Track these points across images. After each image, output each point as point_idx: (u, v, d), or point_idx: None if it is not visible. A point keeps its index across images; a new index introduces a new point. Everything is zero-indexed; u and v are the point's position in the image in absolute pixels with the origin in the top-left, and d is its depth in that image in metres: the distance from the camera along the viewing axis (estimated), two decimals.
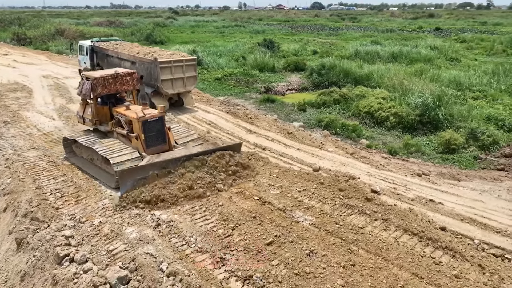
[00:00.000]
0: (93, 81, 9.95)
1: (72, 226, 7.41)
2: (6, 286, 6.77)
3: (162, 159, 8.73)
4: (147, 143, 9.43)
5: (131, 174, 8.32)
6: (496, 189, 9.98)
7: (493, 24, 65.09)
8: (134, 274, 5.81)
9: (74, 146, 10.77)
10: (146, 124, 9.42)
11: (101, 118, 10.65)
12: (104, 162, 9.53)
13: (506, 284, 6.01)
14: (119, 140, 9.94)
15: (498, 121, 16.32)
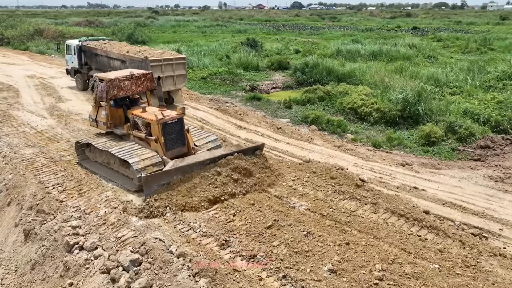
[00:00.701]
0: (107, 83, 9.68)
1: (78, 217, 7.72)
2: (17, 275, 7.04)
3: (186, 163, 8.47)
4: (167, 146, 9.21)
5: (156, 179, 8.11)
6: (474, 176, 10.78)
7: (467, 23, 67.49)
8: (145, 257, 6.20)
9: (87, 151, 10.48)
10: (166, 126, 9.18)
11: (115, 121, 10.36)
12: (123, 166, 9.33)
13: (484, 256, 6.69)
14: (137, 143, 9.65)
15: (474, 115, 17.20)
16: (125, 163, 9.10)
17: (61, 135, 12.27)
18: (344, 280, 5.84)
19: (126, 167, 9.19)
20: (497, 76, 23.63)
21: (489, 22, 67.93)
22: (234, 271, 5.88)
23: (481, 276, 5.97)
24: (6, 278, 7.08)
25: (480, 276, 5.98)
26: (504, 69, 23.98)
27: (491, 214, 8.69)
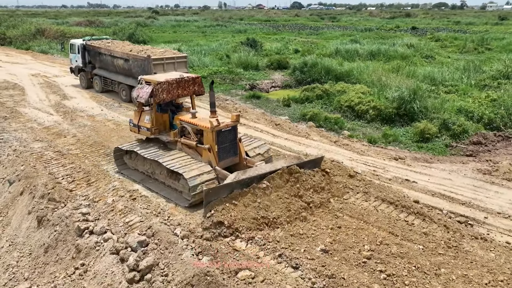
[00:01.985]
0: (155, 86, 9.12)
1: (87, 205, 8.25)
2: (31, 258, 7.57)
3: (248, 176, 7.80)
4: (219, 155, 8.66)
5: (217, 193, 7.42)
6: (463, 169, 11.31)
7: (466, 23, 68.05)
8: (152, 239, 6.73)
9: (127, 158, 9.99)
10: (220, 134, 8.63)
11: (159, 127, 9.72)
12: (171, 177, 8.74)
13: (466, 239, 7.21)
14: (184, 151, 9.07)
15: (468, 113, 17.68)
16: (173, 175, 8.54)
17: (68, 130, 12.79)
18: (335, 259, 6.36)
19: (175, 179, 8.61)
20: (492, 75, 24.13)
21: (487, 22, 68.48)
22: (234, 250, 6.41)
23: (461, 256, 6.49)
24: (21, 260, 7.61)
25: (460, 255, 6.50)
26: (499, 68, 24.48)
27: (477, 204, 9.22)
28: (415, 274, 5.97)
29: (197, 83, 10.06)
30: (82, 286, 6.54)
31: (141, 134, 10.05)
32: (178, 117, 9.60)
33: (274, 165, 8.53)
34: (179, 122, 9.49)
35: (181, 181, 8.40)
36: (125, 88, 16.92)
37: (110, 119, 14.19)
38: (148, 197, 8.44)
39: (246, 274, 5.73)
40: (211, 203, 7.26)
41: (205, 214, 7.26)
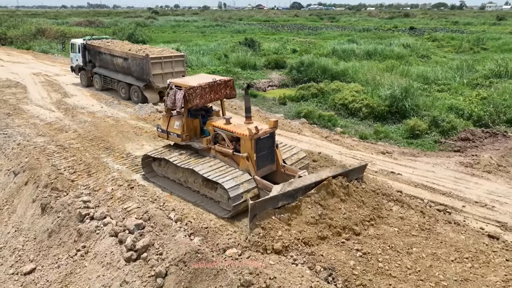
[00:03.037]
0: (187, 91, 8.78)
1: (88, 193, 8.82)
2: (36, 242, 8.15)
3: (294, 188, 7.35)
4: (258, 164, 8.31)
5: (263, 206, 7.01)
6: (446, 162, 11.89)
7: (464, 23, 68.65)
8: (148, 222, 7.31)
9: (155, 165, 9.73)
10: (258, 142, 8.28)
11: (190, 133, 9.36)
12: (206, 186, 8.51)
13: (440, 224, 7.78)
14: (219, 159, 8.73)
15: (458, 111, 18.24)
16: (209, 184, 8.31)
17: (69, 126, 13.38)
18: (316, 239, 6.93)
19: (211, 188, 8.36)
20: (485, 75, 24.69)
21: (485, 22, 69.05)
22: (223, 227, 7.00)
23: (432, 237, 7.06)
24: (27, 244, 8.19)
25: (431, 237, 7.07)
26: (492, 68, 25.04)
27: (457, 194, 9.80)
28: (389, 253, 6.54)
29: (229, 86, 9.65)
30: (84, 265, 7.11)
31: (170, 140, 9.68)
32: (211, 123, 9.21)
33: (319, 175, 8.03)
34: (212, 128, 9.10)
35: (218, 191, 8.11)
36: (124, 86, 17.51)
37: (109, 115, 14.79)
38: (145, 186, 9.03)
39: (233, 251, 6.31)
40: (256, 217, 6.89)
41: (251, 230, 6.82)
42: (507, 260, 6.60)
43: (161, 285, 6.21)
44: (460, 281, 6.02)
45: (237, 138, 8.57)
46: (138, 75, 16.49)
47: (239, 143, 8.53)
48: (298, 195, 7.37)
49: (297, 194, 7.37)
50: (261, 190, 8.09)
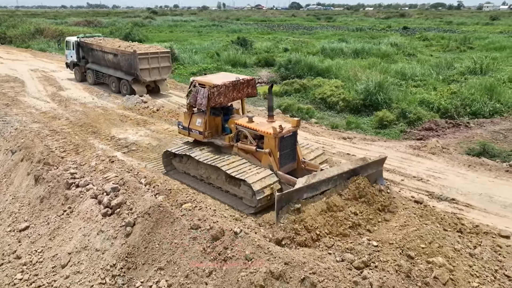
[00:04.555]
0: (210, 89, 9.03)
1: (75, 167, 10.35)
2: (30, 206, 9.69)
3: (318, 180, 7.58)
4: (281, 162, 8.55)
5: (289, 198, 7.26)
6: (398, 146, 13.39)
7: (457, 23, 70.11)
8: (123, 186, 8.83)
9: (176, 161, 10.10)
10: (282, 140, 8.52)
11: (212, 130, 9.62)
12: (229, 183, 8.77)
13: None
14: (240, 156, 9.02)
15: (429, 104, 19.71)
16: (232, 180, 8.55)
17: (62, 114, 14.93)
18: None
19: (234, 184, 8.65)
20: (461, 72, 26.17)
21: (479, 22, 70.51)
22: (184, 189, 8.52)
23: (392, 207, 8.41)
24: (22, 209, 9.73)
25: (391, 207, 8.41)
26: (468, 65, 26.52)
27: (399, 171, 11.30)
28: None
29: (251, 85, 9.87)
30: (69, 221, 8.65)
31: (191, 137, 9.97)
32: (233, 121, 9.40)
33: (340, 167, 8.28)
34: (234, 126, 9.31)
35: (242, 187, 8.37)
36: (115, 80, 19.08)
37: (99, 106, 16.35)
38: (123, 161, 10.55)
39: (188, 205, 7.82)
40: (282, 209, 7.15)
41: (278, 222, 7.08)
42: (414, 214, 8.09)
43: (129, 232, 7.74)
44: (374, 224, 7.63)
45: (260, 136, 8.78)
46: (126, 69, 18.04)
47: (262, 141, 8.74)
48: (321, 188, 7.65)
49: (320, 186, 7.63)
50: (283, 184, 8.31)
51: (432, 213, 8.44)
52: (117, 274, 7.24)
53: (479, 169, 11.45)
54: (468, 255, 6.91)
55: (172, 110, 15.86)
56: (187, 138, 10.50)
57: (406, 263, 6.15)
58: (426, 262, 6.28)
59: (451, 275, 6.14)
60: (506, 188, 10.22)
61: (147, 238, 7.48)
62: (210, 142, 9.57)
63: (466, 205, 9.51)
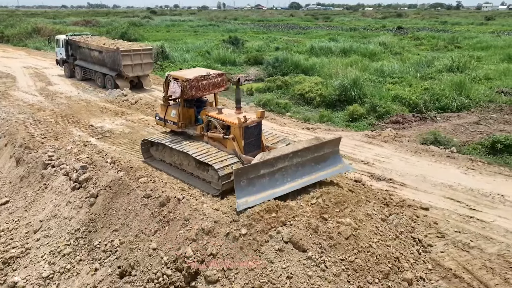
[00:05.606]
0: (183, 83, 9.80)
1: (53, 151, 11.62)
2: (11, 185, 11.00)
3: (272, 156, 8.21)
4: (245, 149, 9.26)
5: (246, 173, 7.87)
6: (355, 135, 14.61)
7: (452, 23, 71.14)
8: (91, 165, 10.11)
9: (153, 149, 10.87)
10: (246, 130, 9.29)
11: (185, 121, 10.44)
12: (198, 168, 9.47)
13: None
14: (210, 144, 9.74)
15: (402, 99, 20.85)
16: (201, 166, 9.26)
17: (47, 106, 16.22)
18: None
19: (203, 170, 9.36)
20: (439, 69, 27.28)
21: (473, 22, 71.51)
22: (144, 167, 9.77)
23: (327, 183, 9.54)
24: (4, 187, 11.03)
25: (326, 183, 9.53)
26: (446, 63, 27.66)
27: (349, 156, 12.50)
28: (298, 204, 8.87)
29: (223, 80, 10.66)
30: (43, 195, 9.94)
31: (167, 127, 10.76)
32: (205, 112, 10.21)
33: (295, 146, 8.88)
34: (205, 117, 10.08)
35: (210, 172, 9.05)
36: (100, 76, 20.39)
37: (83, 99, 17.66)
38: (96, 145, 11.81)
39: (144, 179, 9.07)
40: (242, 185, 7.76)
41: (237, 194, 7.72)
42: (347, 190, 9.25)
43: (93, 202, 9.01)
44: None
45: (228, 126, 9.54)
46: (111, 66, 19.32)
47: (230, 131, 9.53)
48: (278, 164, 8.27)
49: (277, 163, 8.25)
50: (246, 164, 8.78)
51: (363, 189, 9.64)
52: (80, 236, 8.51)
53: (423, 155, 12.64)
54: (379, 220, 8.11)
55: (149, 103, 17.13)
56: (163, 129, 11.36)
57: (316, 222, 7.36)
58: (336, 222, 7.49)
59: (354, 232, 7.34)
60: (441, 171, 11.42)
61: (107, 207, 8.75)
62: (183, 131, 10.41)
63: (401, 184, 10.72)
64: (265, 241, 7.00)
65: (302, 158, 8.75)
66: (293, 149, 8.68)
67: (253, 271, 6.56)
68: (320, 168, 9.12)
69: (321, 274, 6.60)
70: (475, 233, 8.42)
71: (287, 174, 8.52)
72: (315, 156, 9.03)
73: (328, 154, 9.40)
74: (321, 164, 9.16)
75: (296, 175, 8.65)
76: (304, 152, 8.78)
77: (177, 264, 6.99)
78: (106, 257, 7.87)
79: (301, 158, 8.74)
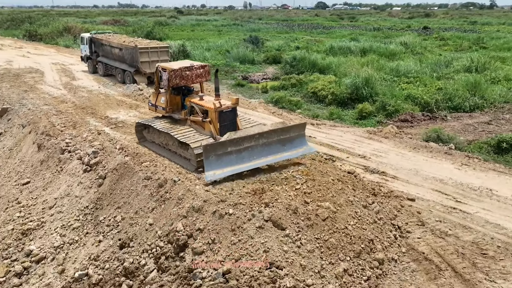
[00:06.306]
0: (169, 73, 11.05)
1: (70, 138, 12.77)
2: (32, 168, 12.20)
3: (238, 136, 9.28)
4: (221, 131, 10.20)
5: (214, 149, 8.96)
6: (357, 131, 15.09)
7: (482, 23, 69.36)
8: (102, 150, 11.15)
9: (146, 132, 12.01)
10: (222, 114, 10.40)
11: (173, 107, 11.64)
12: (180, 147, 10.57)
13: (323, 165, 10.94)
14: (193, 127, 10.93)
15: (414, 99, 21.04)
16: (183, 145, 10.37)
17: (69, 99, 17.54)
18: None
19: (184, 149, 10.43)
20: (457, 70, 27.15)
21: (505, 22, 69.45)
22: (149, 154, 10.71)
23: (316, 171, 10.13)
24: (26, 169, 12.28)
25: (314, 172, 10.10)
26: (464, 63, 27.48)
27: (348, 150, 13.05)
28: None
29: (206, 71, 11.87)
30: (59, 177, 11.05)
31: (158, 112, 12.06)
32: (188, 99, 11.41)
33: (261, 127, 10.02)
34: (189, 103, 11.28)
35: (189, 150, 10.10)
36: (120, 72, 21.67)
37: (102, 93, 18.93)
38: (109, 134, 12.86)
39: (147, 163, 9.99)
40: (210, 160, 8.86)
41: (206, 168, 8.85)
42: (339, 176, 9.81)
43: (101, 183, 10.02)
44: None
45: (206, 110, 10.69)
46: (129, 62, 20.53)
47: (207, 115, 10.64)
48: (244, 143, 9.39)
49: (243, 142, 9.37)
50: None
51: (353, 179, 10.19)
52: (88, 213, 9.53)
53: (421, 151, 13.02)
54: (360, 206, 8.69)
55: None
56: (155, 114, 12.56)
57: (296, 204, 8.03)
58: (316, 206, 8.13)
59: (331, 215, 7.96)
60: (435, 166, 11.80)
61: (112, 187, 9.73)
62: (170, 116, 11.68)
63: (393, 177, 11.19)
64: (248, 219, 7.74)
65: (268, 139, 9.83)
66: (259, 130, 9.84)
67: (235, 245, 7.31)
68: (286, 149, 10.19)
69: (296, 250, 7.28)
70: (455, 222, 8.85)
71: (253, 152, 9.61)
72: (281, 138, 10.12)
73: (294, 137, 10.45)
74: (286, 145, 10.22)
75: (262, 153, 9.73)
76: (270, 134, 9.87)
77: (169, 238, 7.83)
78: (109, 231, 8.83)
79: (267, 139, 9.82)
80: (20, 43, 40.72)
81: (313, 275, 6.97)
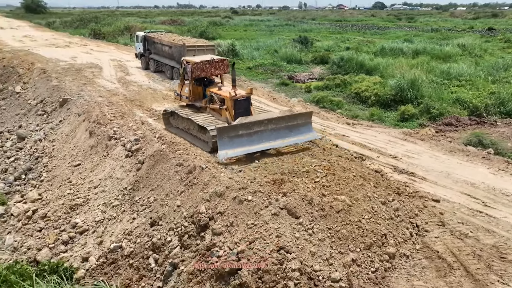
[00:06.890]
0: (192, 65, 12.40)
1: (118, 127, 14.04)
2: (83, 152, 13.62)
3: (249, 121, 10.57)
4: (235, 118, 11.16)
5: (227, 131, 10.27)
6: (392, 132, 15.02)
7: None
8: (142, 138, 12.23)
9: (171, 118, 13.31)
10: (236, 102, 11.53)
11: (195, 96, 12.95)
12: (200, 131, 11.74)
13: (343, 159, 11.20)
14: (211, 114, 12.16)
15: (463, 103, 20.34)
16: (201, 129, 11.53)
17: (121, 92, 19.09)
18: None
19: (203, 133, 11.55)
20: None
21: None
22: (184, 143, 11.59)
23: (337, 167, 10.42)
24: (79, 153, 13.72)
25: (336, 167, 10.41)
26: None
27: (379, 150, 13.10)
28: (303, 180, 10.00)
29: (225, 65, 13.17)
30: (105, 161, 12.30)
31: (182, 101, 13.50)
32: (209, 89, 12.65)
33: (270, 114, 11.46)
34: (209, 93, 12.55)
35: (206, 134, 11.27)
36: (169, 68, 23.05)
37: (151, 87, 20.34)
38: (151, 124, 13.97)
39: (180, 151, 10.86)
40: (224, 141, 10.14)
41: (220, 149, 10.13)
42: (362, 174, 10.03)
43: (139, 168, 11.09)
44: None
45: (223, 99, 11.91)
46: (178, 59, 21.75)
47: (224, 103, 11.84)
48: (254, 128, 10.67)
49: (253, 126, 10.66)
50: None
51: (378, 178, 10.34)
52: (126, 193, 10.59)
53: (457, 154, 12.75)
54: (378, 202, 8.88)
55: None
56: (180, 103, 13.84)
57: (313, 195, 8.42)
58: (332, 198, 8.47)
59: (346, 208, 8.26)
60: (468, 170, 11.55)
61: (149, 171, 10.73)
62: (192, 104, 13.06)
63: (422, 178, 11.15)
64: (265, 206, 8.27)
65: (276, 125, 11.08)
66: (268, 116, 11.27)
67: (250, 229, 7.88)
68: (293, 134, 11.41)
69: (307, 237, 7.70)
70: (478, 225, 8.75)
71: (263, 136, 10.85)
72: (289, 125, 11.36)
73: (301, 124, 11.68)
74: (293, 131, 11.44)
75: (270, 137, 10.95)
76: (278, 120, 11.16)
77: (193, 219, 8.58)
78: (142, 210, 9.79)
79: (275, 125, 11.08)
80: (85, 41, 44.19)
81: (321, 262, 7.35)
